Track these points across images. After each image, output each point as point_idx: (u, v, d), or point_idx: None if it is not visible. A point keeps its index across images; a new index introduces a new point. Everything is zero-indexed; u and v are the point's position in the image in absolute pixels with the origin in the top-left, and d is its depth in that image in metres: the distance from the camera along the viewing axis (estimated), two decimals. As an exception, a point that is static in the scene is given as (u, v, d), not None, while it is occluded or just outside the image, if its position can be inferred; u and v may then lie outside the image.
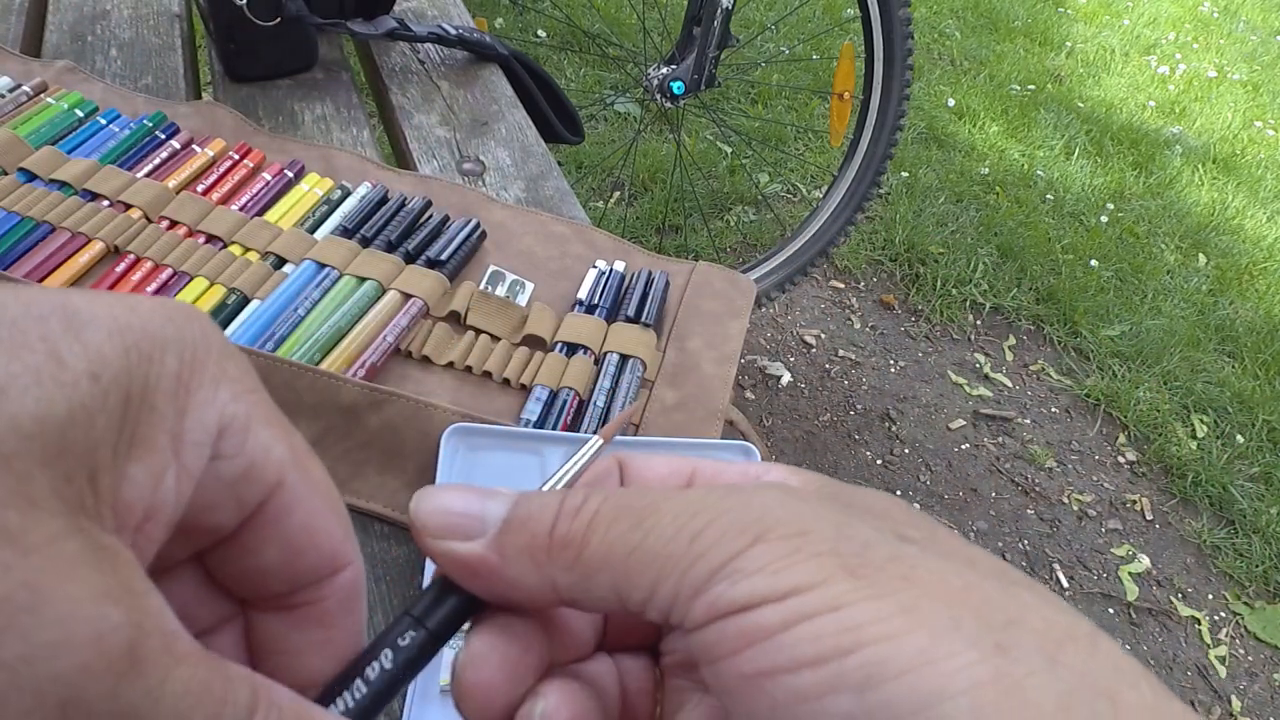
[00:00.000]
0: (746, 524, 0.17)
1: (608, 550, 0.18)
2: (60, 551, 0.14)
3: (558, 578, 0.19)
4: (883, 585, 0.16)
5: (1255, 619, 1.50)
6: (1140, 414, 1.78)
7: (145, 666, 0.14)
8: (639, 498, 0.19)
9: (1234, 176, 2.56)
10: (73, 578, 0.14)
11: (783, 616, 0.16)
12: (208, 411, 0.17)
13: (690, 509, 0.18)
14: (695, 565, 0.17)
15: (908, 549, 0.17)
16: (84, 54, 0.79)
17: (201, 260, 0.59)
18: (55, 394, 0.15)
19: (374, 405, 0.51)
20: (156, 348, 0.16)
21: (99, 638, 0.14)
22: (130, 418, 0.16)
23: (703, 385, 0.59)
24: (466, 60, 0.88)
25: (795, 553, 0.17)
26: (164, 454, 0.16)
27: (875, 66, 1.50)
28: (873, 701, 0.15)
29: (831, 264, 2.00)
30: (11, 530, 0.14)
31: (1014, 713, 0.15)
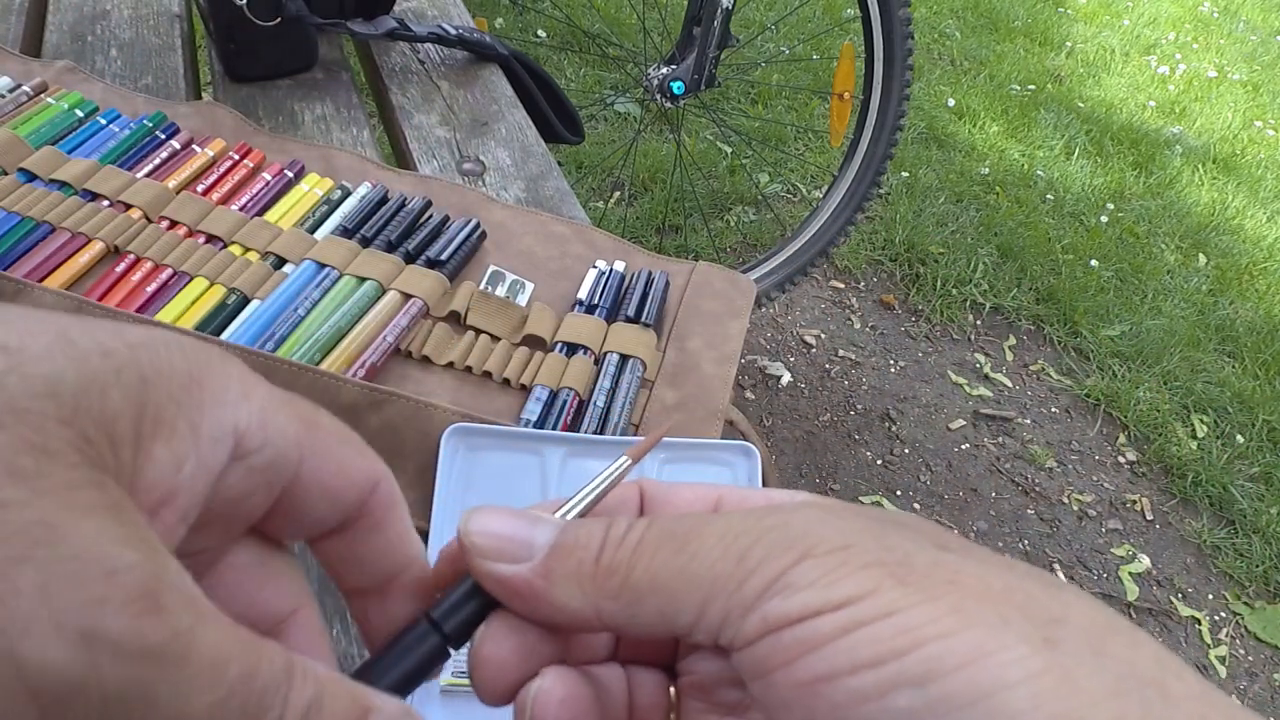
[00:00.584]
0: (791, 541, 0.18)
1: (653, 576, 0.19)
2: (76, 498, 0.14)
3: (603, 604, 0.19)
4: (931, 590, 0.17)
5: (1255, 619, 1.50)
6: (1140, 414, 1.78)
7: (167, 612, 0.14)
8: (680, 523, 0.19)
9: (1234, 176, 2.56)
10: (88, 521, 0.14)
11: (839, 624, 0.17)
12: (223, 411, 0.18)
13: (733, 530, 0.19)
14: (745, 584, 0.18)
15: (947, 556, 0.18)
16: (84, 54, 0.79)
17: (201, 260, 0.59)
18: (66, 364, 0.15)
19: (374, 405, 0.51)
20: (162, 347, 0.17)
21: (113, 573, 0.14)
22: (151, 401, 0.16)
23: (703, 385, 0.59)
24: (466, 60, 0.88)
25: (842, 565, 0.17)
26: (185, 440, 0.17)
27: (875, 66, 1.50)
28: (934, 695, 0.16)
29: (831, 264, 2.00)
30: (26, 472, 0.14)
31: (1069, 699, 0.15)
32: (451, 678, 0.44)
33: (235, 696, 0.15)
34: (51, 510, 0.14)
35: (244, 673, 0.15)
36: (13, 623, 0.13)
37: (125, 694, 0.13)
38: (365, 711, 0.17)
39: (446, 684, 0.44)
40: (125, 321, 0.52)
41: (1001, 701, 0.15)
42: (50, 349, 0.15)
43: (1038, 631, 0.16)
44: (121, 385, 0.16)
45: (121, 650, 0.13)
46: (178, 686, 0.14)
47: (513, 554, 0.20)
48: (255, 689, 0.15)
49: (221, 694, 0.15)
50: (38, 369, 0.15)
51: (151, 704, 0.14)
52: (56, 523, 0.14)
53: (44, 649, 0.13)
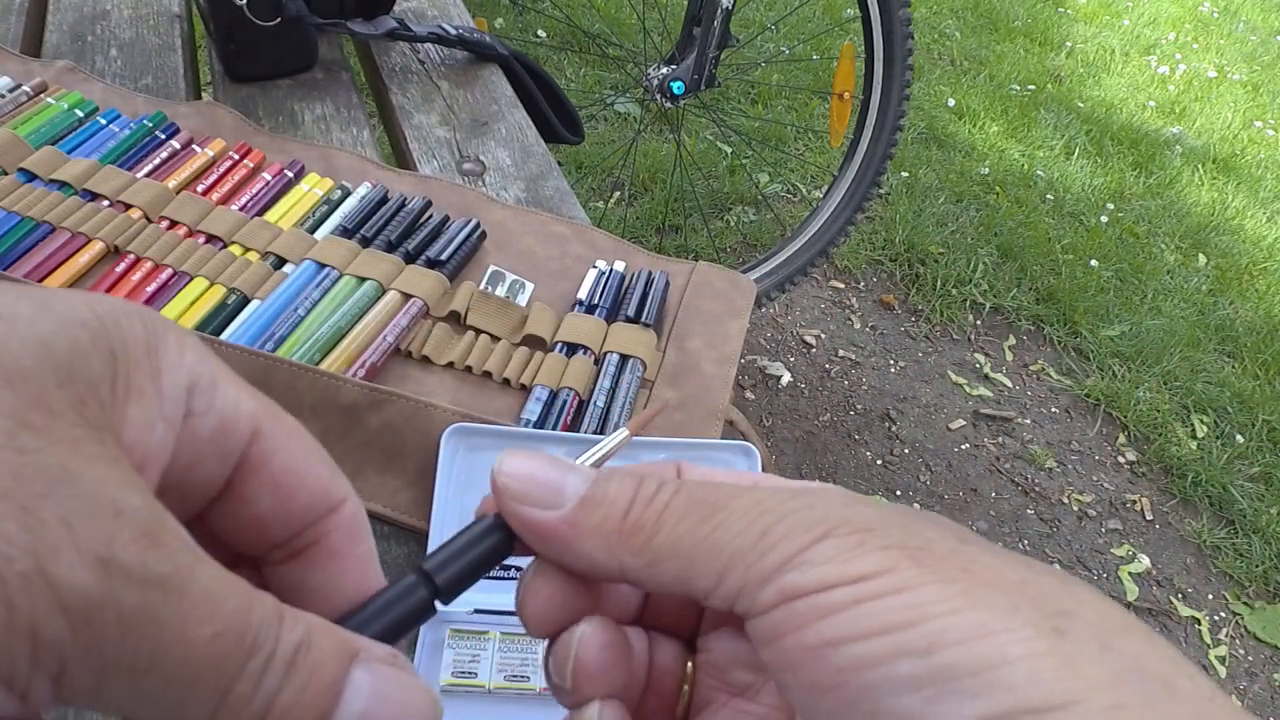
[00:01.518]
0: (813, 522, 0.18)
1: (677, 541, 0.19)
2: (83, 449, 0.16)
3: (625, 560, 0.20)
4: (944, 573, 0.17)
5: (1255, 619, 1.50)
6: (1140, 414, 1.78)
7: (168, 549, 0.16)
8: (709, 492, 0.20)
9: (1234, 176, 2.56)
10: (95, 468, 0.16)
11: (852, 595, 0.17)
12: (178, 371, 0.19)
13: (759, 506, 0.19)
14: (764, 557, 0.18)
15: (966, 547, 0.18)
16: (84, 54, 0.79)
17: (201, 260, 0.59)
18: (55, 329, 0.16)
19: (374, 405, 0.51)
20: (124, 316, 0.18)
21: (121, 512, 0.15)
22: (120, 368, 0.17)
23: (703, 385, 0.59)
24: (466, 60, 0.88)
25: (860, 546, 0.18)
26: (153, 402, 0.18)
27: (875, 66, 1.50)
28: (936, 663, 0.16)
29: (831, 264, 2.00)
30: (37, 426, 0.15)
31: (1068, 680, 0.16)
32: (451, 678, 0.44)
33: (232, 629, 0.16)
34: (65, 457, 0.15)
35: (239, 608, 0.16)
36: (44, 547, 0.14)
37: (138, 615, 0.15)
38: (352, 654, 0.18)
39: (446, 684, 0.44)
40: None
41: (1001, 675, 0.16)
42: (37, 316, 0.17)
43: (1046, 621, 0.16)
44: (99, 353, 0.17)
45: (132, 576, 0.15)
46: (181, 614, 0.15)
47: (543, 499, 0.21)
48: (251, 623, 0.16)
49: (220, 626, 0.16)
50: (31, 334, 0.16)
51: (160, 627, 0.15)
52: (70, 467, 0.15)
53: (71, 571, 0.14)
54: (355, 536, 0.21)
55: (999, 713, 0.15)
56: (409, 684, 0.18)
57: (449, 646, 0.45)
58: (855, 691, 0.17)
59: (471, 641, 0.45)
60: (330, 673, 0.17)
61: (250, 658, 0.16)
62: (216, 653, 0.16)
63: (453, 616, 0.46)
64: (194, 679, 0.15)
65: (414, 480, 0.50)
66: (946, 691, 0.16)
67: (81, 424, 0.16)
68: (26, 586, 0.14)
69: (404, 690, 0.18)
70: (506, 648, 0.45)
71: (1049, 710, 0.15)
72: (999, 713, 0.15)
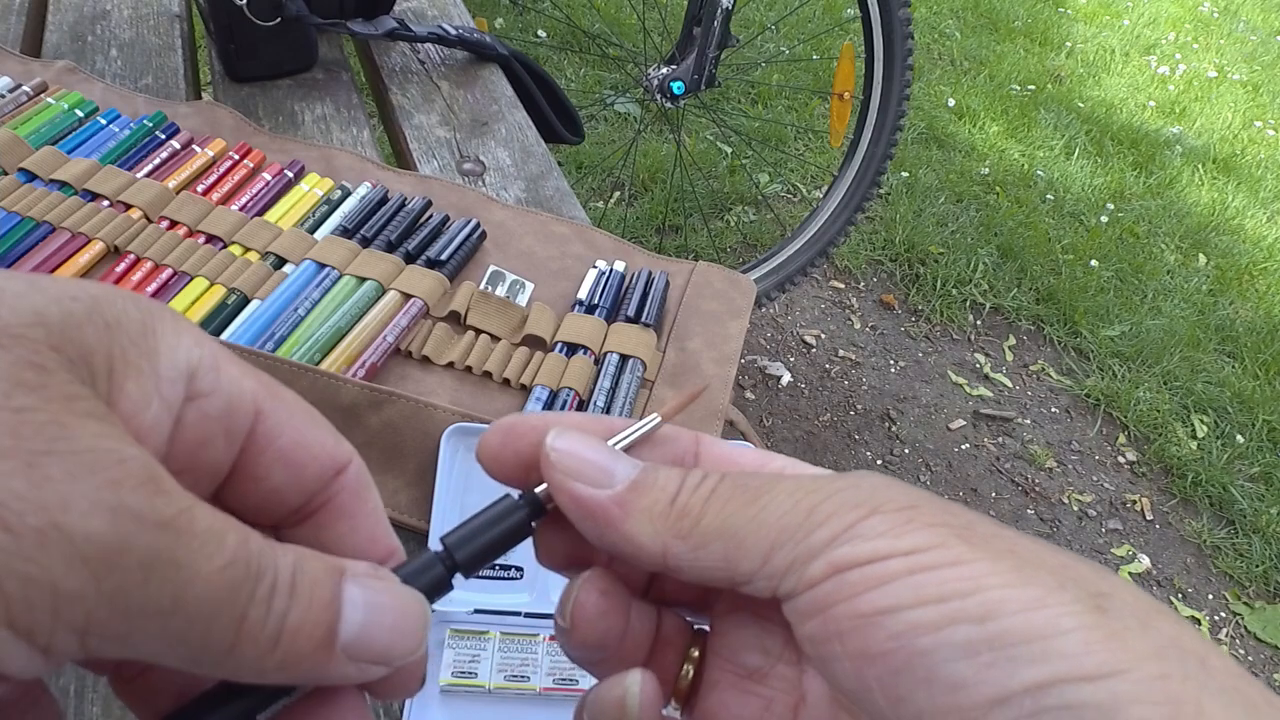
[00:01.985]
0: (859, 500, 0.19)
1: (724, 521, 0.20)
2: (76, 405, 0.16)
3: (670, 543, 0.20)
4: (993, 551, 0.18)
5: (1255, 619, 1.50)
6: (1140, 414, 1.78)
7: (170, 494, 0.16)
8: (753, 479, 0.21)
9: (1234, 176, 2.56)
10: (89, 422, 0.16)
11: (907, 566, 0.18)
12: (177, 352, 0.19)
13: (804, 488, 0.20)
14: (813, 534, 0.19)
15: (1006, 531, 0.19)
16: (84, 54, 0.79)
17: (201, 260, 0.59)
18: (45, 302, 0.17)
19: (374, 405, 0.51)
20: (118, 299, 0.18)
21: (122, 462, 0.16)
22: (116, 342, 0.17)
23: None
24: (466, 60, 0.88)
25: (909, 522, 0.18)
26: (149, 379, 0.18)
27: (875, 66, 1.50)
28: (992, 630, 0.17)
29: (831, 264, 2.00)
30: (32, 384, 0.15)
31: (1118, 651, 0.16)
32: (451, 678, 0.44)
33: (239, 560, 0.17)
34: (60, 413, 0.15)
35: (240, 540, 0.17)
36: (54, 500, 0.14)
37: (156, 557, 0.15)
38: (340, 571, 0.19)
39: (446, 684, 0.44)
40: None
41: (1055, 645, 0.16)
42: (28, 288, 0.17)
43: (1090, 599, 0.17)
44: (93, 325, 0.17)
45: (143, 520, 0.15)
46: (193, 551, 0.16)
47: (594, 478, 0.21)
48: (253, 553, 0.17)
49: (228, 558, 0.16)
50: (23, 304, 0.16)
51: (177, 566, 0.16)
52: (66, 422, 0.15)
53: (85, 520, 0.15)
54: (362, 494, 0.22)
55: (1052, 678, 0.16)
56: (397, 591, 0.20)
57: (449, 646, 0.45)
58: (909, 658, 0.17)
59: (471, 641, 0.45)
60: (327, 589, 0.18)
61: (258, 583, 0.17)
62: (229, 583, 0.16)
63: (453, 616, 0.46)
64: (214, 612, 0.16)
65: (414, 480, 0.50)
66: (1002, 658, 0.16)
67: (73, 381, 0.16)
68: (41, 540, 0.14)
69: (394, 597, 0.19)
70: (506, 648, 0.45)
71: (1101, 678, 0.16)
72: (1052, 678, 0.16)
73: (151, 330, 0.18)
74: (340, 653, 0.18)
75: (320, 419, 0.22)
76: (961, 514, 0.19)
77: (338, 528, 0.22)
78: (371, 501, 0.22)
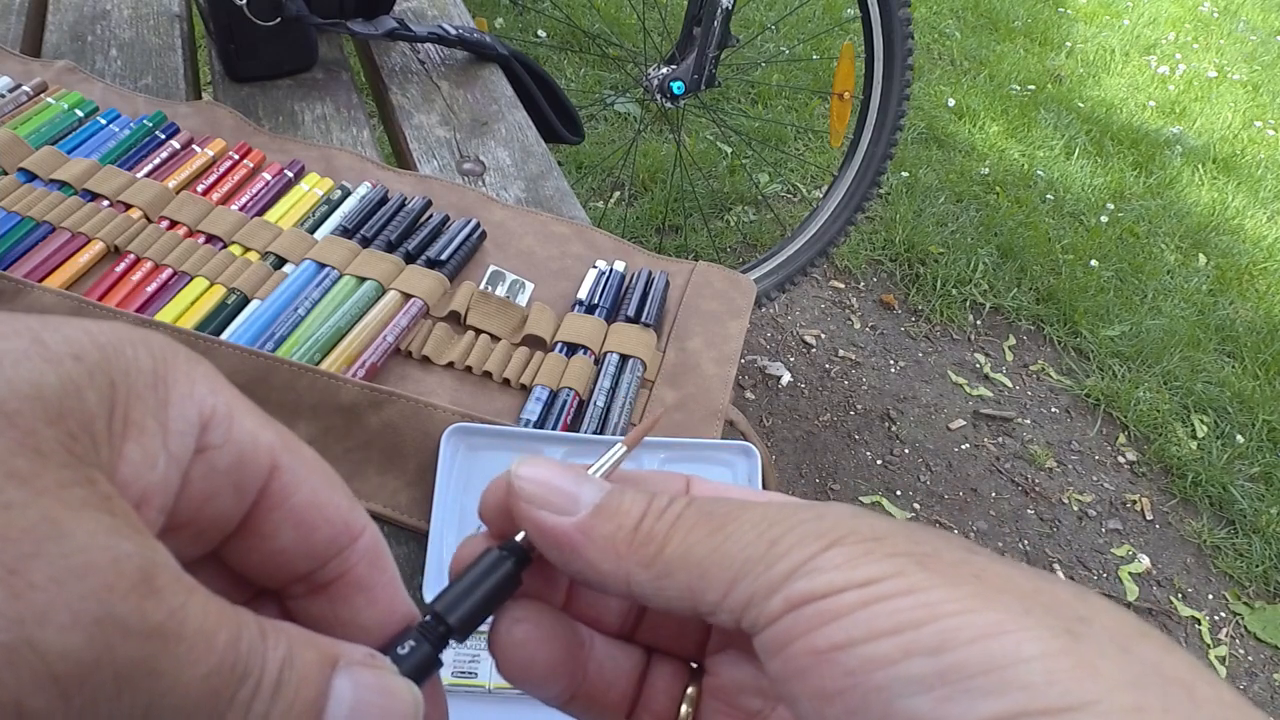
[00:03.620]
0: (823, 531, 0.18)
1: (687, 550, 0.19)
2: (71, 495, 0.15)
3: (634, 571, 0.20)
4: (954, 578, 0.17)
5: (1255, 619, 1.50)
6: (1140, 414, 1.78)
7: (163, 593, 0.15)
8: (718, 505, 0.20)
9: (1234, 176, 2.55)
10: (84, 515, 0.15)
11: (860, 599, 0.17)
12: (188, 404, 0.18)
13: (768, 518, 0.19)
14: (773, 567, 0.18)
15: (976, 557, 0.18)
16: (84, 54, 0.79)
17: (201, 260, 0.59)
18: (45, 367, 0.16)
19: (374, 405, 0.51)
20: (129, 346, 0.17)
21: (116, 562, 0.15)
22: (119, 401, 0.17)
23: (703, 385, 0.59)
24: (466, 60, 0.88)
25: (869, 553, 0.18)
26: (155, 437, 0.17)
27: (875, 66, 1.50)
28: (947, 662, 0.16)
29: (831, 264, 2.00)
30: (23, 474, 0.15)
31: (1086, 680, 0.15)
32: (452, 678, 0.44)
33: (224, 664, 0.16)
34: (52, 508, 0.15)
35: (230, 639, 0.16)
36: (32, 614, 0.14)
37: (134, 669, 0.15)
38: (332, 662, 0.18)
39: (446, 684, 0.44)
40: (103, 317, 0.52)
41: (1015, 674, 0.15)
42: (27, 352, 0.16)
43: (1061, 624, 0.16)
44: (95, 387, 0.16)
45: (129, 630, 0.15)
46: (177, 658, 0.15)
47: (558, 505, 0.21)
48: (241, 653, 0.16)
49: (214, 663, 0.16)
50: (19, 372, 0.15)
51: (156, 676, 0.15)
52: (58, 519, 0.15)
53: (62, 637, 0.14)
54: (379, 565, 0.21)
55: (1013, 712, 0.15)
56: (389, 685, 0.19)
57: (449, 646, 0.45)
58: (865, 695, 0.16)
59: (471, 641, 0.45)
60: (314, 686, 0.17)
61: (240, 687, 0.16)
62: (209, 691, 0.16)
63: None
64: (188, 718, 0.16)
65: (414, 480, 0.50)
66: (959, 691, 0.15)
67: (70, 463, 0.15)
68: (10, 658, 0.13)
69: (384, 694, 0.18)
70: (506, 648, 0.45)
71: (1065, 711, 0.15)
72: (1013, 712, 0.15)
73: (163, 380, 0.18)
74: None
75: (337, 481, 0.21)
76: (930, 541, 0.18)
77: (355, 601, 0.21)
78: (389, 571, 0.22)
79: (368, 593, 0.21)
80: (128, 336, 0.18)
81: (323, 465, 0.21)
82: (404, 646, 0.21)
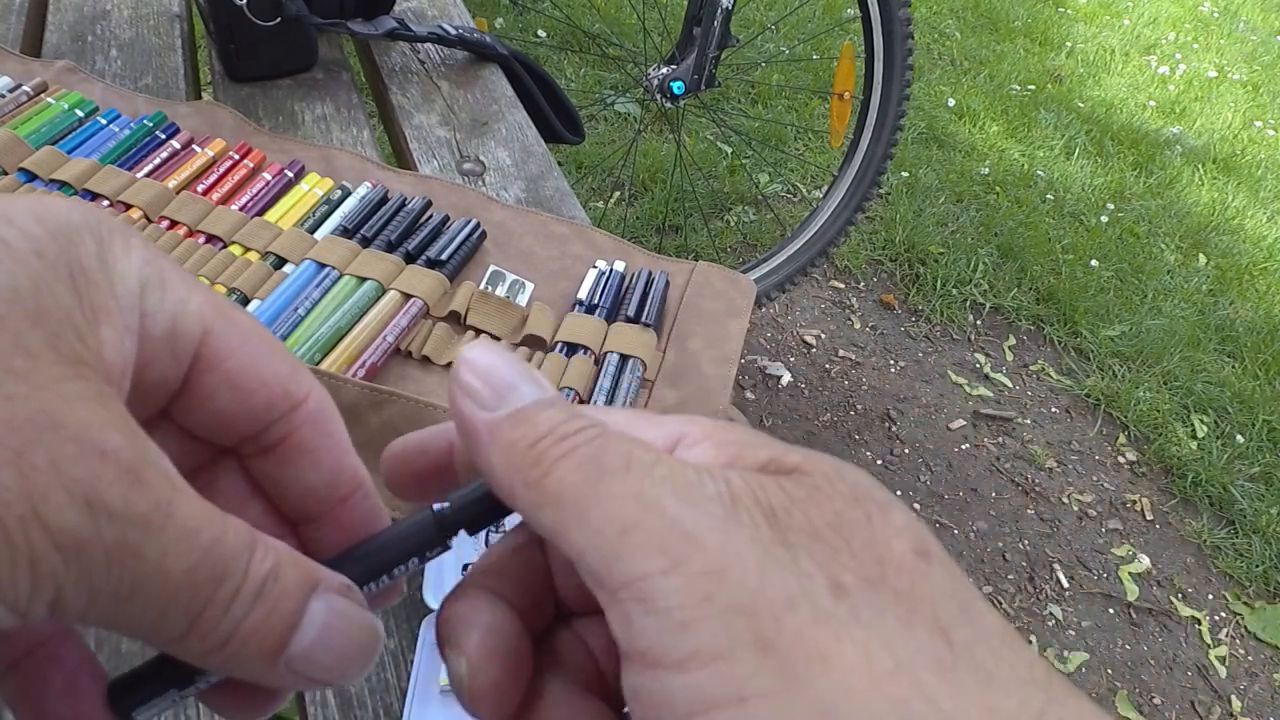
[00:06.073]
0: (668, 544, 0.17)
1: (560, 493, 0.18)
2: (66, 389, 0.16)
3: (517, 488, 0.19)
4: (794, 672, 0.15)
5: (1255, 619, 1.50)
6: (1140, 414, 1.78)
7: (149, 486, 0.17)
8: (613, 453, 0.18)
9: (1234, 176, 2.56)
10: (79, 409, 0.16)
11: (686, 701, 0.15)
12: (130, 276, 0.19)
13: (639, 494, 0.17)
14: (615, 564, 0.17)
15: (840, 608, 0.16)
16: (84, 54, 0.79)
17: (202, 260, 0.59)
18: (16, 269, 0.17)
19: (374, 405, 0.51)
20: (75, 231, 0.18)
21: (105, 453, 0.16)
22: (81, 290, 0.18)
23: (703, 385, 0.59)
24: (466, 60, 0.88)
25: (706, 602, 0.16)
26: (116, 315, 0.18)
27: (875, 66, 1.50)
28: None
29: (831, 264, 2.00)
30: (20, 371, 0.16)
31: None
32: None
33: (205, 563, 0.17)
34: (49, 401, 0.16)
35: (213, 540, 0.18)
36: (36, 491, 0.15)
37: (121, 549, 0.16)
38: (313, 585, 0.19)
39: (446, 684, 0.44)
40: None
41: None
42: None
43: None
44: (61, 281, 0.18)
45: (115, 515, 0.16)
46: (160, 546, 0.17)
47: (485, 399, 0.20)
48: (222, 555, 0.18)
49: (194, 560, 0.17)
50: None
51: (140, 558, 0.17)
52: (54, 411, 0.16)
53: (61, 512, 0.16)
54: (324, 429, 0.22)
55: None
56: (355, 615, 0.20)
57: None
58: None
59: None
60: (292, 601, 0.19)
61: (219, 587, 0.18)
62: (190, 583, 0.17)
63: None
64: (170, 604, 0.17)
65: (414, 480, 0.50)
66: None
67: (60, 361, 0.17)
68: (24, 528, 0.15)
69: (350, 621, 0.20)
70: (506, 648, 0.45)
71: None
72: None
73: (104, 259, 0.19)
74: (283, 664, 0.19)
75: (280, 349, 0.22)
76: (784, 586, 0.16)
77: (299, 462, 0.22)
78: (334, 435, 0.22)
79: (311, 455, 0.22)
80: (68, 219, 0.18)
81: (261, 332, 0.21)
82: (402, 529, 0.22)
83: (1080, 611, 1.47)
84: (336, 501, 0.22)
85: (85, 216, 0.19)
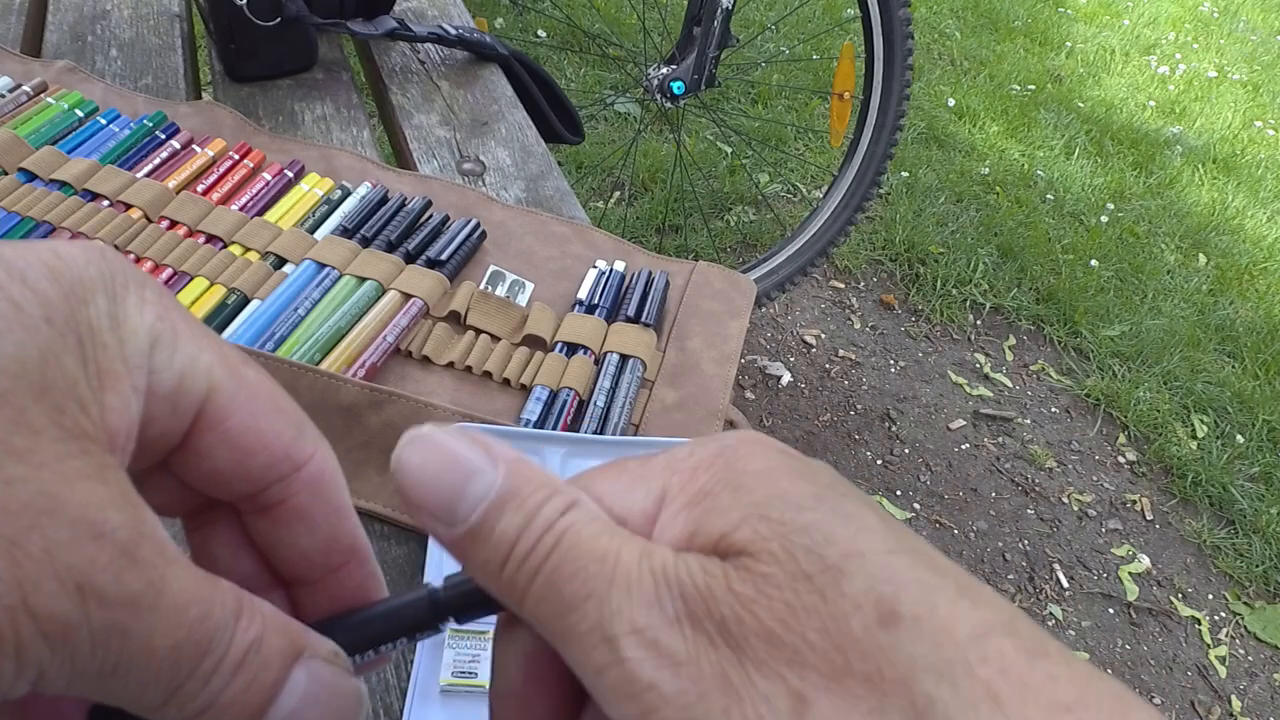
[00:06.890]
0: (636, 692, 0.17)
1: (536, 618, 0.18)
2: (67, 468, 0.16)
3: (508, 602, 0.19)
4: None
5: (1255, 619, 1.50)
6: (1140, 414, 1.78)
7: (143, 565, 0.17)
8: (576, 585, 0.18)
9: (1234, 176, 2.56)
10: (79, 489, 0.16)
11: None
12: (140, 335, 0.19)
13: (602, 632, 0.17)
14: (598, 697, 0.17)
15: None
16: (84, 54, 0.79)
17: (201, 260, 0.59)
18: (25, 338, 0.17)
19: (374, 405, 0.51)
20: (88, 289, 0.18)
21: (102, 535, 0.16)
22: (89, 355, 0.18)
23: (703, 385, 0.59)
24: (466, 60, 0.88)
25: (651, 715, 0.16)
26: (124, 380, 0.18)
27: (875, 66, 1.50)
28: None
29: (831, 264, 2.01)
30: (21, 451, 0.16)
31: None
32: (451, 678, 0.44)
33: (190, 639, 0.17)
34: (49, 482, 0.16)
35: (200, 615, 0.18)
36: (28, 580, 0.16)
37: (108, 631, 0.16)
38: (297, 653, 0.19)
39: (446, 684, 0.44)
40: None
41: None
42: (7, 321, 0.17)
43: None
44: (69, 349, 0.17)
45: (106, 599, 0.16)
46: (149, 625, 0.17)
47: (442, 514, 0.19)
48: (208, 629, 0.18)
49: (180, 637, 0.17)
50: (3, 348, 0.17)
51: (127, 637, 0.17)
52: (54, 492, 0.16)
53: (52, 600, 0.16)
54: (323, 495, 0.21)
55: None
56: (339, 684, 0.20)
57: (449, 646, 0.45)
58: None
59: (471, 641, 0.45)
60: (273, 673, 0.19)
61: (203, 660, 0.18)
62: (174, 660, 0.17)
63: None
64: (151, 679, 0.17)
65: (414, 480, 0.50)
66: None
67: (63, 437, 0.17)
68: (12, 618, 0.15)
69: (332, 691, 0.19)
70: (506, 648, 0.45)
71: None
72: None
73: (116, 317, 0.18)
74: None
75: (287, 408, 0.21)
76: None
77: (295, 526, 0.21)
78: (333, 501, 0.22)
79: (306, 522, 0.21)
80: (83, 274, 0.18)
81: (269, 391, 0.21)
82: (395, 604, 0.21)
83: (1080, 611, 1.47)
84: (329, 569, 0.22)
85: (100, 269, 0.19)
